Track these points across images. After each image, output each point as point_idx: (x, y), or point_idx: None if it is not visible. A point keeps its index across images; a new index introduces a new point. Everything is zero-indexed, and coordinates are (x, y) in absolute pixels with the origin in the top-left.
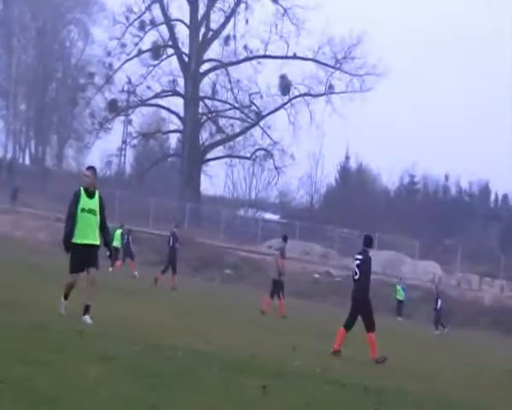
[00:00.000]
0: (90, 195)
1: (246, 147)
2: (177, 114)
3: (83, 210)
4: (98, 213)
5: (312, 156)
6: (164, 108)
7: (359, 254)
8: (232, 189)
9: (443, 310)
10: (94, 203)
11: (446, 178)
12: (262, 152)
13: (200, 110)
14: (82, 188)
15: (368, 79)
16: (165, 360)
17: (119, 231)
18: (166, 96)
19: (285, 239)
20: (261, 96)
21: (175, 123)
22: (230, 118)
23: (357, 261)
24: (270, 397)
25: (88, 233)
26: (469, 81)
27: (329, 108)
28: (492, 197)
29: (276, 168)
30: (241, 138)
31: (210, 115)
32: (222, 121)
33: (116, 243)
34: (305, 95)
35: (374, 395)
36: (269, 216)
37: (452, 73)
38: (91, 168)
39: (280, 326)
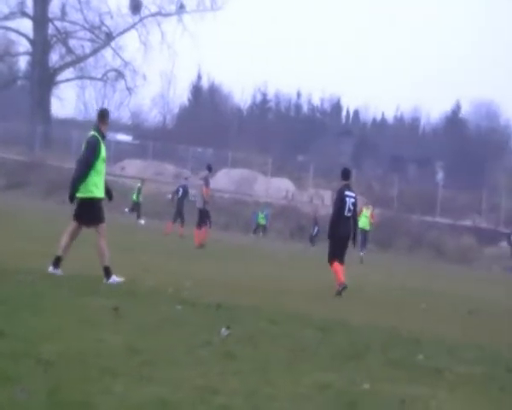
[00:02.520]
0: (104, 142)
1: (97, 68)
2: (26, 36)
3: (103, 160)
4: None
5: (164, 76)
6: (12, 29)
7: (351, 191)
8: (84, 110)
9: (318, 233)
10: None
11: (298, 95)
12: (113, 73)
13: (49, 32)
14: (97, 134)
15: None
16: (15, 284)
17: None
18: (15, 17)
19: (209, 168)
20: (111, 17)
21: (24, 45)
22: (81, 39)
23: (353, 199)
24: (122, 318)
25: (102, 186)
26: None
27: (181, 28)
28: (344, 113)
29: (127, 89)
30: (91, 59)
31: (60, 37)
32: (72, 43)
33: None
34: (155, 14)
35: (226, 313)
36: (121, 137)
37: None
38: (108, 113)
39: (134, 247)
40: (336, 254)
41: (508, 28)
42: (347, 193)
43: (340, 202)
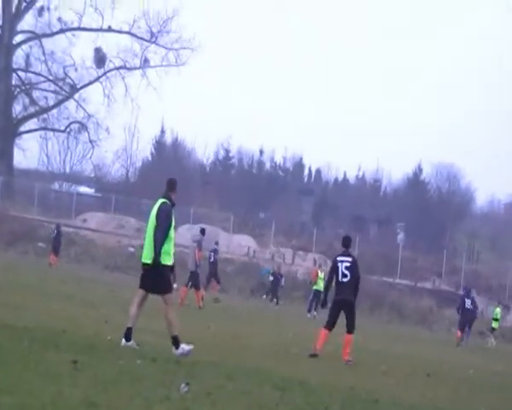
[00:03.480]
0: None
1: (60, 120)
2: None
3: (174, 228)
4: None
5: (128, 130)
6: None
7: (345, 255)
8: (47, 162)
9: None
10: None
11: (261, 152)
12: (77, 125)
13: (13, 82)
14: (169, 201)
15: (183, 53)
16: None
17: None
18: None
19: (203, 232)
20: (76, 69)
21: None
22: (44, 90)
23: (346, 263)
24: (80, 372)
25: (172, 254)
26: (283, 56)
27: (145, 82)
28: (306, 172)
29: (90, 141)
30: (55, 111)
31: (23, 87)
32: (36, 94)
33: None
34: (120, 68)
35: (186, 369)
36: (84, 190)
37: (267, 48)
38: (176, 182)
39: (94, 300)
40: (332, 320)
41: (469, 93)
42: (340, 258)
43: (331, 269)
